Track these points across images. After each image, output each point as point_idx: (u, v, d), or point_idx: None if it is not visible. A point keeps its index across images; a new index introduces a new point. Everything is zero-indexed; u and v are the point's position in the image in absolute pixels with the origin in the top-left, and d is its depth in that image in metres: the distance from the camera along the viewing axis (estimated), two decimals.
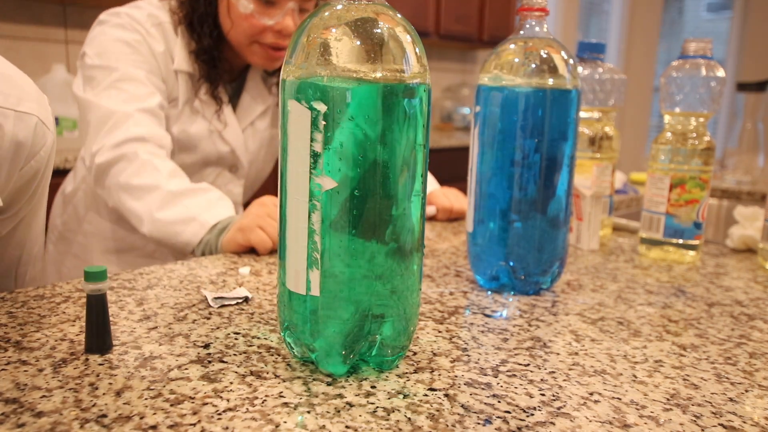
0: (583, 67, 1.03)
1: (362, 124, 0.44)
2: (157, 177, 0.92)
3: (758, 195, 1.62)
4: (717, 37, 5.59)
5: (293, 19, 1.02)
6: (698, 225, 0.90)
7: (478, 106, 0.71)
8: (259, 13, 1.01)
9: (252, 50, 1.05)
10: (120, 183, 0.94)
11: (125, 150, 0.94)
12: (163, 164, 0.94)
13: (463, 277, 0.78)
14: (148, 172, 0.93)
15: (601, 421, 0.44)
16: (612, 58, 5.16)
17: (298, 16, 1.03)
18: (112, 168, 0.94)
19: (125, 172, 0.93)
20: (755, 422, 0.46)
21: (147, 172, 0.93)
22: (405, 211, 0.47)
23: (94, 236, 1.14)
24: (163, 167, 0.94)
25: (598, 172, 1.00)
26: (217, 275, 0.75)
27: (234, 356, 0.52)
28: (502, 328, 0.62)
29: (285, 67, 0.47)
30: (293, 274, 0.48)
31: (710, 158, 0.89)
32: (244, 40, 1.04)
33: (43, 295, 0.65)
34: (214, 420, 0.42)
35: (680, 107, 0.90)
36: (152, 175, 0.92)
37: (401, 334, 0.50)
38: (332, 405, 0.45)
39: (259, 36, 1.03)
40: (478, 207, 0.73)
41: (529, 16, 0.70)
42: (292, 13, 1.02)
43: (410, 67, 0.46)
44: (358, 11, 0.46)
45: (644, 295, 0.74)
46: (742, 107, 2.27)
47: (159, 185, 0.91)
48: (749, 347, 0.60)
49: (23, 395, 0.44)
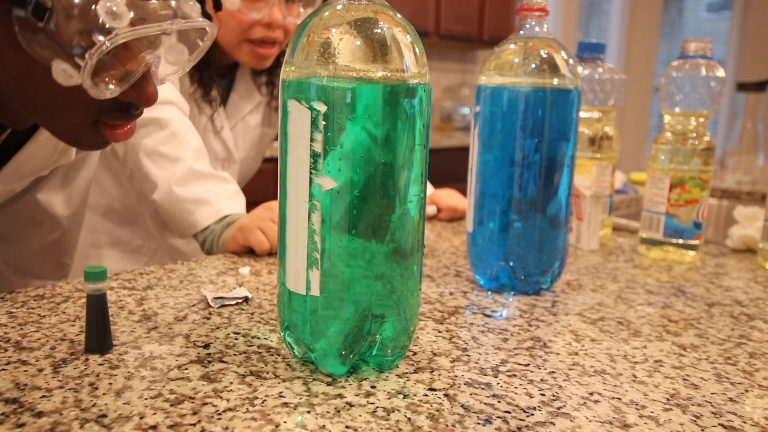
0: (583, 67, 1.03)
1: (362, 124, 0.44)
2: (185, 151, 0.92)
3: (758, 195, 1.62)
4: (717, 37, 5.58)
5: (281, 11, 1.02)
6: (698, 225, 0.90)
7: (478, 106, 0.71)
8: (246, 8, 1.00)
9: (242, 50, 1.05)
10: (146, 146, 0.92)
11: (158, 113, 0.93)
12: (192, 139, 0.94)
13: (463, 277, 0.78)
14: (177, 143, 0.92)
15: (601, 421, 0.44)
16: (612, 58, 5.16)
17: (285, 7, 1.03)
18: (142, 128, 0.93)
19: (154, 136, 0.92)
20: (755, 422, 0.46)
21: (176, 143, 0.92)
22: (405, 211, 0.47)
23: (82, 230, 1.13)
24: (192, 142, 0.93)
25: (598, 172, 1.00)
26: (217, 275, 0.75)
27: (234, 356, 0.52)
28: (502, 328, 0.62)
29: (285, 67, 0.47)
30: (293, 274, 0.48)
31: (710, 158, 0.89)
32: (234, 39, 1.03)
33: (43, 295, 0.65)
34: (214, 420, 0.42)
35: (680, 107, 0.90)
36: (181, 148, 0.92)
37: (401, 334, 0.50)
38: (332, 405, 0.45)
39: (248, 32, 1.02)
40: (478, 207, 0.73)
41: (529, 16, 0.70)
42: (279, 4, 1.02)
43: (410, 67, 0.46)
44: (358, 11, 0.46)
45: (644, 295, 0.74)
46: (742, 107, 2.27)
47: (185, 160, 0.91)
48: (749, 347, 0.60)
49: (23, 395, 0.44)
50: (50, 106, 0.55)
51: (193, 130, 0.96)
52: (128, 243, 1.13)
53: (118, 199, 1.10)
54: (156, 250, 1.13)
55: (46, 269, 0.90)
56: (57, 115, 0.56)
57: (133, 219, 1.12)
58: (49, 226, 0.85)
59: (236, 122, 1.17)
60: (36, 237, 0.85)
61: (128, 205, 1.10)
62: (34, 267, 0.88)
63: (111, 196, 1.11)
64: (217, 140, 1.14)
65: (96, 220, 1.12)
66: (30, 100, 0.55)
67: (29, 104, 0.56)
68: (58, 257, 0.90)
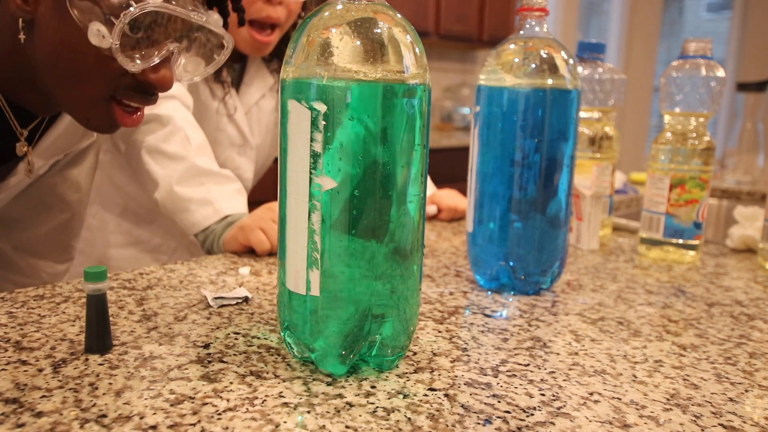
0: (583, 67, 1.03)
1: (362, 123, 0.44)
2: (187, 149, 0.91)
3: (758, 195, 1.62)
4: (717, 37, 5.58)
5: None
6: (698, 225, 0.90)
7: (478, 106, 0.71)
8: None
9: (240, 35, 1.02)
10: (148, 143, 0.92)
11: (159, 110, 0.92)
12: (194, 135, 0.93)
13: (463, 277, 0.78)
14: (178, 140, 0.92)
15: (601, 421, 0.44)
16: (612, 58, 5.16)
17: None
18: (144, 125, 0.93)
19: (156, 133, 0.92)
20: (755, 422, 0.46)
21: (177, 140, 0.92)
22: (405, 211, 0.47)
23: (98, 230, 1.13)
24: (194, 139, 0.93)
25: (598, 172, 1.00)
26: (217, 275, 0.75)
27: (234, 356, 0.52)
28: (502, 328, 0.62)
29: (285, 67, 0.47)
30: (293, 274, 0.48)
31: (710, 158, 0.89)
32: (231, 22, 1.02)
33: (43, 295, 0.65)
34: (214, 420, 0.42)
35: (680, 107, 0.90)
36: (182, 146, 0.91)
37: (401, 334, 0.50)
38: (332, 405, 0.45)
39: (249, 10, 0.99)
40: (478, 207, 0.73)
41: (529, 16, 0.70)
42: None
43: (410, 67, 0.46)
44: (358, 11, 0.46)
45: (644, 295, 0.74)
46: (742, 107, 2.27)
47: (186, 158, 0.90)
48: (749, 347, 0.60)
49: (23, 395, 0.44)
50: (75, 75, 0.61)
51: (195, 126, 0.95)
52: (147, 242, 1.12)
53: (135, 199, 1.10)
54: (175, 249, 1.13)
55: (55, 252, 0.92)
56: (78, 87, 0.62)
57: (151, 218, 1.11)
58: (58, 209, 0.88)
59: (250, 107, 1.15)
60: (47, 221, 0.88)
61: (145, 204, 1.10)
62: (43, 250, 0.91)
63: (127, 195, 1.10)
64: (231, 124, 1.13)
65: (114, 220, 1.12)
66: (59, 70, 0.61)
67: (57, 75, 0.62)
68: (65, 240, 0.93)
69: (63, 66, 0.61)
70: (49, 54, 0.61)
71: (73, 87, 0.62)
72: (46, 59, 0.61)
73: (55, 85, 0.63)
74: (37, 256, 0.90)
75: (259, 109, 1.17)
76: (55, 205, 0.87)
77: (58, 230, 0.90)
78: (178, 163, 0.90)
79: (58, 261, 0.93)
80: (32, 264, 0.90)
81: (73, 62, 0.60)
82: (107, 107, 0.63)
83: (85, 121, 0.66)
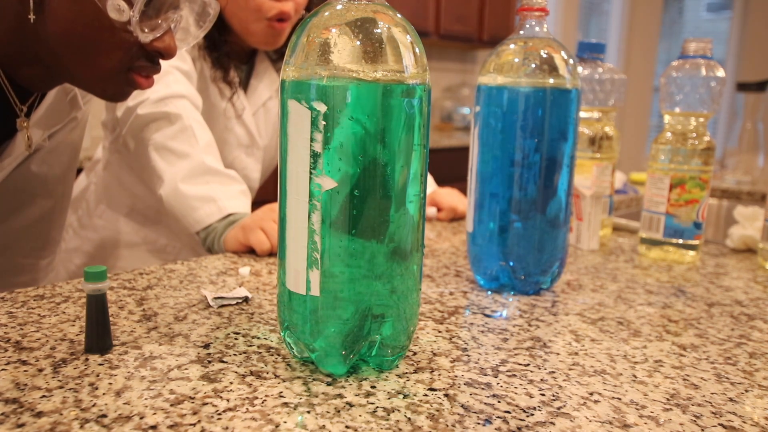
0: (583, 67, 1.03)
1: (362, 124, 0.44)
2: (194, 146, 0.92)
3: (758, 195, 1.62)
4: (717, 37, 5.58)
5: None
6: (698, 225, 0.90)
7: (478, 106, 0.71)
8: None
9: (253, 30, 1.02)
10: (156, 140, 0.93)
11: (169, 108, 0.93)
12: (202, 134, 0.94)
13: (463, 277, 0.78)
14: (186, 138, 0.92)
15: (601, 421, 0.44)
16: (612, 58, 5.16)
17: None
18: (153, 123, 0.93)
19: (164, 131, 0.93)
20: (755, 422, 0.46)
21: (185, 138, 0.92)
22: (405, 211, 0.47)
23: (105, 230, 1.13)
24: (202, 138, 0.93)
25: (598, 172, 1.00)
26: (217, 275, 0.75)
27: (234, 356, 0.52)
28: (502, 328, 0.62)
29: (285, 67, 0.47)
30: (293, 274, 0.48)
31: (710, 158, 0.89)
32: (250, 16, 1.01)
33: (43, 295, 0.65)
34: (214, 420, 0.42)
35: (680, 107, 0.90)
36: (189, 143, 0.92)
37: (401, 334, 0.50)
38: (332, 405, 0.45)
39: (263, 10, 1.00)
40: (478, 207, 0.73)
41: (529, 16, 0.70)
42: None
43: (410, 67, 0.46)
44: (357, 11, 0.46)
45: (644, 295, 0.74)
46: (742, 107, 2.27)
47: (193, 156, 0.91)
48: (749, 347, 0.60)
49: (23, 395, 0.44)
50: (92, 49, 0.65)
51: (203, 126, 0.96)
52: (153, 243, 1.12)
53: (141, 199, 1.10)
54: (181, 249, 1.13)
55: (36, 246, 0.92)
56: (96, 60, 0.66)
57: (157, 218, 1.12)
58: (41, 197, 0.88)
59: (257, 108, 1.16)
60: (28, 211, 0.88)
61: (151, 204, 1.10)
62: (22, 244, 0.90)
63: (134, 196, 1.10)
64: (239, 125, 1.13)
65: (120, 220, 1.12)
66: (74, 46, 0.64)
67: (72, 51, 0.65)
68: (47, 231, 0.93)
69: (78, 41, 0.64)
70: (64, 30, 0.63)
71: (91, 61, 0.65)
72: (60, 36, 0.63)
73: (70, 60, 0.65)
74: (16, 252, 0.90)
75: (266, 110, 1.17)
76: (37, 192, 0.87)
77: (40, 221, 0.90)
78: (185, 160, 0.91)
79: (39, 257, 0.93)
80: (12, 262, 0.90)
81: (89, 37, 0.63)
82: (126, 77, 0.68)
83: (101, 92, 0.70)
